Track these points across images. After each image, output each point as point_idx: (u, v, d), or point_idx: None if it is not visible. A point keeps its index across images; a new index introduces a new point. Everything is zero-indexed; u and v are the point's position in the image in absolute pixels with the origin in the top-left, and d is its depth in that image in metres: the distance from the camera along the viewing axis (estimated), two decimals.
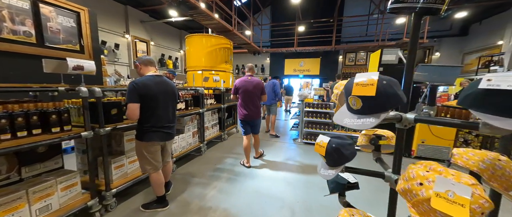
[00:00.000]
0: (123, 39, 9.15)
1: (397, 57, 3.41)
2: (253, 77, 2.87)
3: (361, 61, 13.00)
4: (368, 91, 0.65)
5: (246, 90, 2.79)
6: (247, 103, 2.81)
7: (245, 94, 2.79)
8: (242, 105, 2.85)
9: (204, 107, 3.46)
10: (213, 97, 4.06)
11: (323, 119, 4.08)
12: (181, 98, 2.90)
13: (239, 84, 2.84)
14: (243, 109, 2.83)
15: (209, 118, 3.89)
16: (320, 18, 10.04)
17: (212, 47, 7.51)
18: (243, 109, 2.83)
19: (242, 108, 2.84)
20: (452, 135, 3.20)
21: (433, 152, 3.31)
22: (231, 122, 4.98)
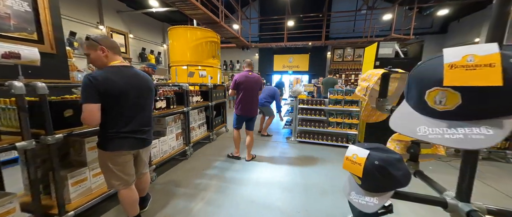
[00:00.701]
0: (97, 30, 8.24)
1: (394, 50, 3.28)
2: (253, 73, 2.87)
3: (349, 57, 13.18)
4: (484, 78, 0.35)
5: (248, 86, 2.77)
6: (250, 99, 2.81)
7: (248, 90, 2.78)
8: (243, 100, 2.81)
9: (189, 105, 3.07)
10: (200, 94, 3.67)
11: (317, 116, 3.88)
12: (161, 96, 2.49)
13: (241, 79, 2.78)
14: (245, 104, 2.81)
15: (196, 118, 3.51)
16: (309, 12, 9.88)
17: (198, 41, 7.01)
18: (245, 104, 2.81)
19: (244, 104, 2.81)
20: None
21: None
22: (220, 121, 4.62)
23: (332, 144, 3.80)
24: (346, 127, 3.71)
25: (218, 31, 7.28)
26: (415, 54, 3.29)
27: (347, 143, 3.72)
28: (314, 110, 3.91)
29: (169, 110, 2.65)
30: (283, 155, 3.36)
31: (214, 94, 4.06)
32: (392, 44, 3.28)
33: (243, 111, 2.82)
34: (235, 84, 2.79)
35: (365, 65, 3.89)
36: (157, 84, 2.69)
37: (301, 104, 3.98)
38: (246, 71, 2.82)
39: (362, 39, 8.79)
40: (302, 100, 4.00)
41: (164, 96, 2.56)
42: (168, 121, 2.67)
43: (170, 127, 2.72)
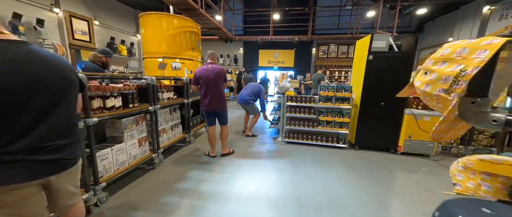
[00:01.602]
0: (51, 14, 6.99)
1: (388, 43, 3.04)
2: (214, 65, 2.69)
3: (333, 54, 13.25)
4: None
5: (207, 80, 2.62)
6: (209, 93, 2.65)
7: (207, 84, 2.63)
8: (204, 95, 2.69)
9: (156, 103, 2.50)
10: (172, 90, 3.10)
11: (307, 115, 3.55)
12: (113, 91, 1.91)
13: (200, 73, 2.65)
14: (205, 99, 2.68)
15: (167, 118, 2.94)
16: (295, 6, 9.55)
17: (174, 30, 6.28)
18: (205, 99, 2.68)
19: (204, 99, 2.69)
20: None
21: (420, 147, 3.12)
22: (199, 120, 4.07)
23: (322, 145, 3.51)
24: (337, 126, 3.44)
25: (198, 21, 6.60)
26: (409, 48, 3.10)
27: (337, 143, 3.46)
28: (303, 108, 3.57)
29: (128, 109, 2.07)
30: (270, 159, 2.98)
31: (191, 89, 3.50)
32: (386, 37, 3.04)
33: (205, 106, 2.71)
34: (195, 79, 2.66)
35: (356, 59, 3.63)
36: (111, 76, 2.09)
37: (289, 102, 3.61)
38: (206, 64, 2.67)
39: (346, 35, 8.73)
40: (290, 97, 3.63)
41: (119, 92, 1.98)
42: (126, 123, 2.09)
43: (130, 131, 2.15)
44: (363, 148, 3.40)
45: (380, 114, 3.20)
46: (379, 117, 3.21)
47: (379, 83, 3.12)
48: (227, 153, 3.01)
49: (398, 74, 3.04)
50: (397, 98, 3.24)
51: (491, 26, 7.54)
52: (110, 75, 2.17)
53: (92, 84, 1.84)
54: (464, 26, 8.46)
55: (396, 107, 3.13)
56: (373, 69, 3.10)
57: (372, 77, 3.13)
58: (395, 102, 3.11)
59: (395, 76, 3.05)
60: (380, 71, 3.09)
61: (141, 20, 6.33)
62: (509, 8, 6.90)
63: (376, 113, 3.21)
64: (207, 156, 2.95)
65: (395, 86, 3.11)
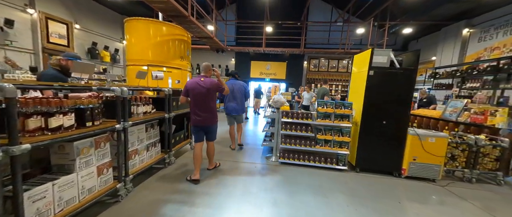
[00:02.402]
0: (24, 15, 6.37)
1: (389, 59, 2.88)
2: (207, 79, 2.53)
3: (323, 68, 13.47)
4: None
5: (198, 93, 2.48)
6: (199, 107, 2.52)
7: (197, 98, 2.50)
8: (193, 109, 2.55)
9: (127, 120, 2.05)
10: (151, 103, 2.66)
11: (304, 133, 3.23)
12: (63, 106, 1.46)
13: (190, 85, 2.51)
14: (195, 114, 2.54)
15: (142, 136, 2.47)
16: (287, 20, 9.65)
17: (162, 38, 5.91)
18: (195, 114, 2.54)
19: (194, 113, 2.55)
20: (444, 151, 2.82)
21: (425, 170, 2.87)
22: (183, 136, 3.60)
23: (320, 166, 3.17)
24: (336, 145, 3.14)
25: (189, 29, 6.31)
26: (410, 64, 2.95)
27: (337, 164, 3.13)
28: (299, 125, 3.25)
29: (84, 129, 1.61)
30: (264, 185, 2.56)
31: (174, 102, 3.08)
32: (387, 52, 2.88)
33: (194, 120, 2.56)
34: (185, 90, 2.54)
35: (355, 74, 3.44)
36: (61, 87, 1.63)
37: (285, 118, 3.29)
38: (199, 77, 2.54)
39: (338, 50, 8.84)
40: (286, 112, 3.32)
41: (72, 107, 1.53)
42: (80, 148, 1.61)
43: (85, 157, 1.67)
44: (365, 171, 3.10)
45: (382, 134, 2.95)
46: (380, 137, 2.96)
47: (380, 100, 2.91)
48: (214, 167, 2.92)
49: (400, 91, 2.86)
50: (399, 117, 3.12)
51: (471, 47, 7.99)
52: (68, 85, 1.72)
53: (31, 96, 1.39)
54: (446, 46, 8.91)
55: (398, 126, 2.90)
56: (374, 85, 2.90)
57: (373, 93, 2.92)
58: (398, 120, 2.90)
59: (397, 94, 2.86)
60: (381, 88, 2.89)
61: (126, 25, 5.92)
62: (487, 31, 7.36)
63: (377, 132, 2.96)
64: (189, 182, 2.51)
65: (398, 103, 2.89)
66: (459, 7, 7.72)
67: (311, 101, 6.11)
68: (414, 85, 2.84)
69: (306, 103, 6.12)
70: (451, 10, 8.03)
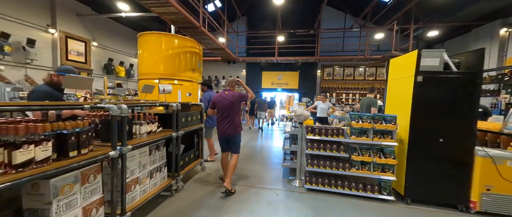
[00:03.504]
0: (46, 34, 6.64)
1: (442, 61, 2.33)
2: (231, 92, 2.70)
3: (338, 76, 12.85)
4: None
5: (222, 107, 2.66)
6: (225, 118, 2.67)
7: (221, 111, 2.68)
8: (219, 121, 2.71)
9: (125, 143, 1.68)
10: (156, 120, 2.30)
11: (335, 153, 2.67)
12: (36, 132, 1.10)
13: (217, 99, 2.72)
14: (219, 125, 2.71)
15: (144, 161, 2.08)
16: (299, 28, 9.37)
17: (174, 50, 5.79)
18: (219, 125, 2.71)
19: (219, 125, 2.72)
20: None
21: (506, 204, 2.17)
22: (193, 156, 3.19)
23: (358, 195, 2.56)
24: (377, 169, 2.54)
25: (200, 41, 6.17)
26: (472, 67, 2.37)
27: (380, 193, 2.51)
28: (329, 144, 2.71)
29: (64, 161, 1.24)
30: None
31: (183, 118, 2.71)
32: (439, 53, 2.34)
33: (221, 131, 2.71)
34: (212, 104, 2.75)
35: (394, 82, 2.90)
36: (46, 106, 1.30)
37: (310, 134, 2.77)
38: (224, 90, 2.74)
39: (357, 57, 8.28)
40: (311, 128, 2.81)
41: (47, 134, 1.17)
42: (59, 186, 1.23)
43: (66, 197, 1.28)
44: (418, 202, 2.44)
45: (439, 155, 2.33)
46: (437, 159, 2.33)
47: (434, 112, 2.33)
48: (229, 191, 2.56)
49: (461, 100, 2.27)
50: (462, 134, 2.16)
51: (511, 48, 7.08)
52: (52, 103, 1.39)
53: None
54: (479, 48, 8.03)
55: (461, 145, 2.27)
56: (424, 94, 2.34)
57: (423, 104, 2.35)
58: (459, 138, 2.28)
59: (457, 104, 2.27)
60: (433, 97, 2.32)
61: (139, 40, 5.90)
62: None
63: (432, 153, 2.34)
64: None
65: (459, 116, 2.22)
66: (493, 6, 6.97)
67: (327, 112, 5.46)
68: (479, 92, 2.25)
69: (322, 114, 5.45)
70: (483, 9, 7.28)
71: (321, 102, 5.62)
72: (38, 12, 6.41)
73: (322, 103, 5.56)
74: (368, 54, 8.05)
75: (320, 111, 5.48)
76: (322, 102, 5.60)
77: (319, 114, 5.46)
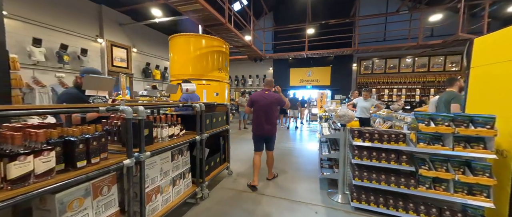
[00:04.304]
0: (95, 44, 7.49)
1: None
2: (271, 92, 2.75)
3: (378, 69, 11.26)
4: None
5: (262, 105, 2.67)
6: (261, 119, 2.68)
7: (260, 110, 2.68)
8: (255, 120, 2.73)
9: (143, 150, 1.49)
10: (179, 122, 2.11)
11: (393, 164, 2.06)
12: (36, 140, 0.94)
13: (256, 97, 2.74)
14: (257, 124, 2.71)
15: (166, 167, 1.90)
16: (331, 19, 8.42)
17: (201, 51, 5.80)
18: (257, 124, 2.71)
19: (256, 123, 2.72)
20: None
21: None
22: (219, 160, 2.96)
23: None
24: (461, 190, 1.83)
25: (226, 39, 6.03)
26: None
27: None
28: (384, 152, 2.11)
29: (71, 172, 1.07)
30: None
31: (207, 120, 2.49)
32: None
33: (257, 130, 2.72)
34: (250, 102, 2.77)
35: (481, 70, 2.09)
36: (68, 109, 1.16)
37: (358, 140, 2.21)
38: (263, 90, 2.77)
39: (406, 44, 6.96)
40: (359, 131, 2.24)
41: (52, 141, 1.01)
42: (67, 201, 1.07)
43: (75, 214, 1.12)
44: None
45: None
46: None
47: None
48: (273, 177, 3.02)
49: None
50: None
51: None
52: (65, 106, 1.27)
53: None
54: None
55: None
56: None
57: None
58: None
59: None
60: None
61: (170, 43, 6.12)
62: None
63: None
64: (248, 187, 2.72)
65: None
66: None
67: (369, 112, 4.48)
68: None
69: (363, 114, 4.43)
70: None
71: (362, 99, 4.58)
72: (89, 24, 7.26)
73: (363, 100, 4.52)
74: (422, 41, 6.64)
75: (360, 110, 4.50)
76: (363, 98, 4.55)
77: (359, 114, 4.48)
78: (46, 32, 6.04)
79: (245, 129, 7.35)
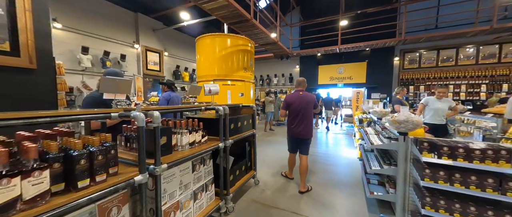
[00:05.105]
0: (132, 49, 8.10)
1: None
2: (305, 92, 2.71)
3: (428, 62, 9.55)
4: None
5: (299, 106, 2.61)
6: (299, 119, 2.61)
7: (298, 110, 2.62)
8: (293, 122, 2.67)
9: (158, 162, 1.27)
10: (201, 128, 1.87)
11: (491, 194, 1.43)
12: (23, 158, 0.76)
13: (291, 99, 2.68)
14: (294, 125, 2.65)
15: (186, 179, 1.68)
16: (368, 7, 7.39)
17: (226, 50, 5.67)
18: (294, 125, 2.65)
19: (294, 124, 2.65)
20: None
21: None
22: (245, 168, 2.67)
23: None
24: None
25: (252, 36, 5.76)
26: None
27: None
28: (475, 175, 1.49)
29: (72, 194, 0.88)
30: None
31: (231, 124, 2.22)
32: None
33: (293, 132, 2.66)
34: (286, 104, 2.71)
35: None
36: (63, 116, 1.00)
37: (428, 154, 1.63)
38: (297, 91, 2.71)
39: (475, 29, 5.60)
40: (429, 143, 1.65)
41: (47, 158, 0.82)
42: None
43: None
44: None
45: None
46: None
47: None
48: (306, 190, 2.69)
49: None
50: None
51: None
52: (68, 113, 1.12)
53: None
54: None
55: None
56: None
57: None
58: None
59: None
60: None
61: (197, 44, 6.16)
62: None
63: None
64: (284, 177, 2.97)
65: None
66: None
67: (444, 116, 3.23)
68: None
69: (436, 119, 3.20)
70: None
71: (434, 98, 3.29)
72: (127, 31, 7.88)
73: (437, 100, 3.23)
74: (497, 23, 5.22)
75: (434, 114, 3.21)
76: (436, 98, 3.25)
77: (430, 118, 3.23)
78: (92, 40, 6.72)
79: (271, 130, 6.99)
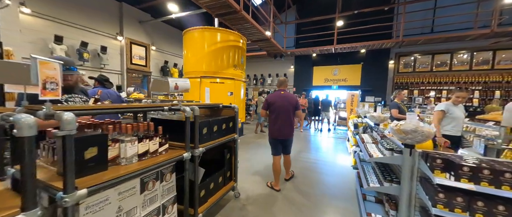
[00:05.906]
0: (115, 41, 7.51)
1: None
2: (287, 92, 2.71)
3: (422, 66, 9.47)
4: None
5: (280, 106, 2.59)
6: (281, 120, 2.58)
7: (279, 111, 2.59)
8: (274, 122, 2.62)
9: (69, 189, 0.85)
10: (159, 133, 1.46)
11: None
12: None
13: (272, 99, 2.65)
14: (275, 126, 2.60)
15: (129, 204, 1.26)
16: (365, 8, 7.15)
17: (216, 46, 5.25)
18: (275, 126, 2.60)
19: (275, 125, 2.61)
20: None
21: None
22: (223, 180, 2.27)
23: None
24: None
25: (243, 31, 5.36)
26: None
27: None
28: (502, 204, 1.16)
29: None
30: None
31: (204, 128, 1.81)
32: None
33: (275, 133, 2.62)
34: (266, 104, 2.67)
35: None
36: None
37: (441, 174, 1.28)
38: (279, 90, 2.69)
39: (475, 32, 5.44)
40: (443, 160, 1.31)
41: None
42: None
43: None
44: None
45: None
46: None
47: None
48: (290, 177, 3.00)
49: None
50: None
51: None
52: None
53: None
54: None
55: None
56: None
57: None
58: None
59: None
60: None
61: (184, 38, 5.69)
62: None
63: None
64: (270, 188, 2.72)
65: None
66: None
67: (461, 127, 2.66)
68: None
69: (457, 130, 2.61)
70: None
71: (451, 104, 2.65)
72: (110, 22, 7.28)
73: (455, 106, 2.62)
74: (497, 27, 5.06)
75: (456, 124, 2.60)
76: (454, 103, 2.64)
77: (451, 130, 2.60)
78: (68, 29, 6.11)
79: (262, 132, 6.64)
